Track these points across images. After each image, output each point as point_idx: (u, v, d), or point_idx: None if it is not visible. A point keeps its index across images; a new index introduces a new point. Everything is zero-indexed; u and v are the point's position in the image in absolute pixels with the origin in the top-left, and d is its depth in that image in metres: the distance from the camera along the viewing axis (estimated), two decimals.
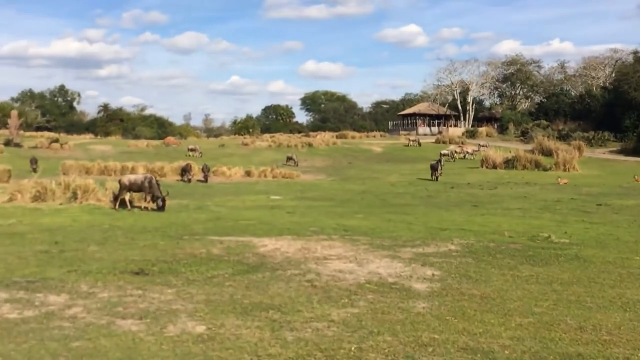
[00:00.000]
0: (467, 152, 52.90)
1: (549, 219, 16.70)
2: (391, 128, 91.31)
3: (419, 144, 63.08)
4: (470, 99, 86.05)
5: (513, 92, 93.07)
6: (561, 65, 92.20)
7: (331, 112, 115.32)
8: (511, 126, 75.01)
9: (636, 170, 39.24)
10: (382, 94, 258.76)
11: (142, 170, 32.83)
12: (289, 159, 46.93)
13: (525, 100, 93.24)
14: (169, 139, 64.30)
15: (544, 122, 70.90)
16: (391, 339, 5.67)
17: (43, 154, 44.74)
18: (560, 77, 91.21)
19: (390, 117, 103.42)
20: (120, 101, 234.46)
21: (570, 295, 7.57)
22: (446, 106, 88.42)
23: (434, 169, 34.75)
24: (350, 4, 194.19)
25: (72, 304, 6.87)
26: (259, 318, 6.37)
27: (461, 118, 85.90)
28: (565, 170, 40.40)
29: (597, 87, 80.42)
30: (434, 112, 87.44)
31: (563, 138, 60.23)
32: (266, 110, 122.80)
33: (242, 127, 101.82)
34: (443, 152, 48.63)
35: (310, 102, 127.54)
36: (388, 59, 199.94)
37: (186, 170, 32.20)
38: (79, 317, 6.32)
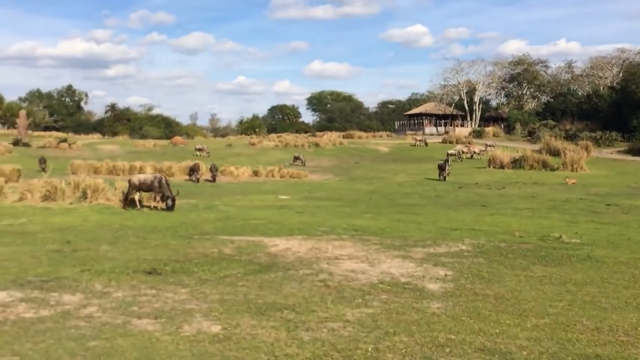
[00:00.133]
0: (474, 152, 52.77)
1: (559, 219, 16.65)
2: (397, 128, 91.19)
3: (426, 143, 62.97)
4: (476, 98, 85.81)
5: (520, 92, 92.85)
6: (568, 65, 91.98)
7: (337, 112, 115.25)
8: (518, 126, 74.78)
9: None
10: (388, 94, 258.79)
11: (150, 170, 32.92)
12: (296, 158, 46.92)
13: (532, 100, 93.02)
14: (177, 138, 64.38)
15: (551, 122, 70.67)
16: (407, 340, 5.66)
17: (51, 153, 44.90)
18: (568, 77, 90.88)
19: (397, 117, 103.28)
20: (127, 101, 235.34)
21: (585, 296, 7.54)
22: (452, 106, 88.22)
23: (441, 168, 34.69)
24: (356, 4, 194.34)
25: (87, 303, 6.88)
26: (274, 318, 6.37)
27: (468, 118, 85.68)
28: (573, 170, 40.25)
29: (605, 87, 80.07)
30: (440, 112, 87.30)
31: (570, 138, 60.01)
32: (272, 110, 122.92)
33: (249, 127, 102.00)
34: (450, 152, 48.56)
35: (316, 102, 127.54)
36: (394, 59, 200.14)
37: (194, 170, 32.25)
38: (94, 317, 6.34)
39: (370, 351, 5.36)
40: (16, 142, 50.96)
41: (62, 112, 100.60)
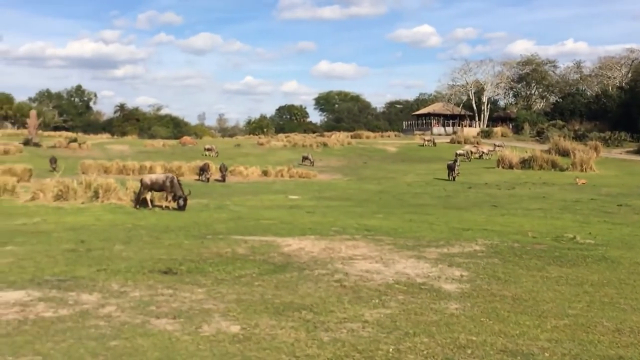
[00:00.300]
0: (483, 152, 52.61)
1: (571, 219, 16.59)
2: (405, 128, 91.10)
3: (434, 143, 62.87)
4: (485, 99, 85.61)
5: (528, 92, 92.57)
6: (577, 65, 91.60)
7: (345, 112, 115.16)
8: (526, 126, 74.53)
9: None
10: (396, 94, 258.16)
11: (160, 170, 33.01)
12: (304, 158, 46.90)
13: (540, 100, 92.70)
14: (186, 138, 64.52)
15: (559, 122, 70.40)
16: (428, 341, 5.64)
17: (62, 153, 45.07)
18: (576, 77, 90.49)
19: (404, 117, 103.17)
20: (136, 101, 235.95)
21: (603, 297, 7.50)
22: (461, 106, 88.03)
23: (450, 169, 34.61)
24: (364, 4, 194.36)
25: (105, 302, 6.90)
26: (292, 318, 6.37)
27: (476, 118, 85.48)
28: (583, 171, 40.05)
29: (613, 87, 79.70)
30: (448, 112, 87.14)
31: (579, 138, 59.74)
32: (280, 110, 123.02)
33: (257, 127, 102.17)
34: (458, 152, 48.42)
35: (324, 102, 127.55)
36: (401, 59, 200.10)
37: (204, 170, 32.30)
38: (113, 316, 6.35)
39: (391, 352, 5.35)
40: (27, 142, 51.23)
41: (71, 112, 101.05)
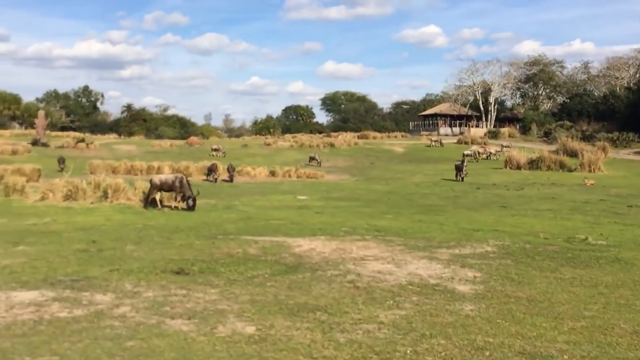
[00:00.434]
0: (490, 153, 52.46)
1: (581, 220, 16.51)
2: (412, 128, 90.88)
3: (441, 144, 62.74)
4: (492, 99, 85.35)
5: (535, 93, 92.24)
6: (585, 65, 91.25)
7: (351, 113, 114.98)
8: (534, 127, 74.26)
9: None
10: (402, 95, 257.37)
11: (167, 170, 33.06)
12: (311, 159, 46.85)
13: (547, 100, 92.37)
14: (193, 138, 64.58)
15: (567, 122, 70.16)
16: (445, 342, 5.60)
17: (70, 153, 45.20)
18: (584, 77, 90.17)
19: (411, 117, 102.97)
20: (142, 101, 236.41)
21: (619, 299, 7.45)
22: (467, 106, 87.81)
23: (458, 169, 34.52)
24: (370, 5, 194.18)
25: (119, 303, 6.89)
26: (307, 319, 6.34)
27: (483, 118, 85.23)
28: (591, 171, 39.88)
29: (621, 88, 79.37)
30: (455, 113, 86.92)
31: (587, 139, 59.48)
32: (286, 111, 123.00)
33: (263, 127, 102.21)
34: (466, 152, 48.30)
35: (330, 102, 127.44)
36: (408, 60, 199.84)
37: (212, 170, 32.31)
38: (128, 317, 6.34)
39: (409, 354, 5.32)
40: (35, 142, 51.41)
41: (78, 112, 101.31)
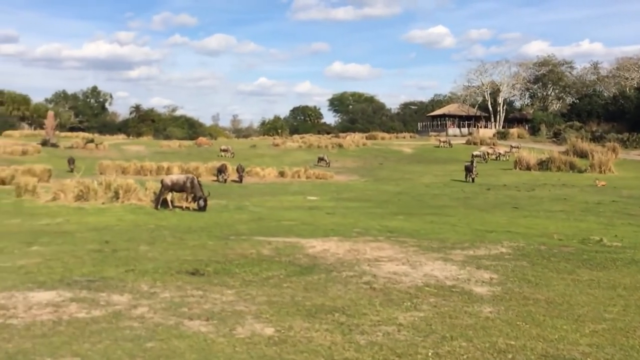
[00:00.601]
0: (500, 154, 52.29)
1: (595, 221, 16.43)
2: (420, 129, 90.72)
3: (450, 145, 62.59)
4: (500, 100, 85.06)
5: (545, 93, 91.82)
6: (594, 66, 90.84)
7: (359, 113, 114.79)
8: (543, 127, 73.93)
9: None
10: (410, 95, 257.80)
11: (177, 171, 33.13)
12: (320, 159, 46.83)
13: (557, 101, 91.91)
14: (201, 139, 64.70)
15: (576, 123, 69.83)
16: (466, 345, 5.55)
17: (79, 154, 45.37)
18: (593, 78, 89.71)
19: (419, 118, 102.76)
20: (150, 102, 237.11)
21: (638, 301, 7.38)
22: (476, 107, 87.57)
23: (468, 170, 34.40)
24: (378, 5, 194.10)
25: (136, 303, 6.87)
26: (325, 321, 6.30)
27: (491, 119, 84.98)
28: (601, 172, 39.68)
29: (631, 88, 78.91)
30: (464, 113, 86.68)
31: (596, 139, 59.17)
32: (294, 111, 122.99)
33: (271, 128, 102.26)
34: (475, 153, 48.12)
35: (338, 103, 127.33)
36: (415, 60, 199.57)
37: (222, 171, 32.34)
38: (146, 318, 6.32)
39: (430, 356, 5.26)
40: (44, 143, 51.63)
41: (87, 113, 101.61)
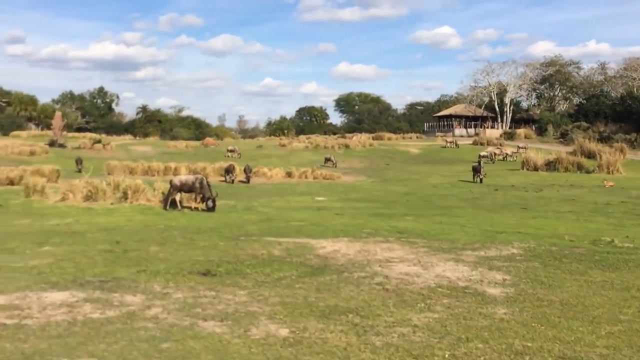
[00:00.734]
0: (507, 154, 52.17)
1: (604, 222, 16.35)
2: (427, 129, 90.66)
3: (457, 145, 62.51)
4: (507, 100, 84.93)
5: (551, 94, 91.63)
6: (601, 66, 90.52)
7: (365, 114, 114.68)
8: (550, 128, 73.77)
9: None
10: (416, 96, 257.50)
11: (184, 171, 33.18)
12: (327, 160, 46.80)
13: (564, 101, 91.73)
14: (208, 139, 64.81)
15: (584, 123, 69.64)
16: (483, 346, 5.52)
17: (86, 154, 45.51)
18: (600, 78, 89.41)
19: (425, 118, 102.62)
20: (156, 103, 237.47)
21: None
22: (483, 108, 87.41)
23: (476, 171, 34.31)
24: (384, 6, 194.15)
25: (150, 304, 6.87)
26: (340, 322, 6.29)
27: (498, 120, 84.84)
28: (609, 173, 39.52)
29: (639, 89, 78.65)
30: (470, 114, 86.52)
31: (604, 140, 58.97)
32: (300, 112, 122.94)
33: (277, 129, 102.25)
34: (482, 153, 48.07)
35: (344, 103, 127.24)
36: (421, 61, 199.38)
37: (229, 171, 32.36)
38: (160, 318, 6.31)
39: (447, 358, 5.24)
40: (52, 143, 51.83)
41: (93, 113, 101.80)
